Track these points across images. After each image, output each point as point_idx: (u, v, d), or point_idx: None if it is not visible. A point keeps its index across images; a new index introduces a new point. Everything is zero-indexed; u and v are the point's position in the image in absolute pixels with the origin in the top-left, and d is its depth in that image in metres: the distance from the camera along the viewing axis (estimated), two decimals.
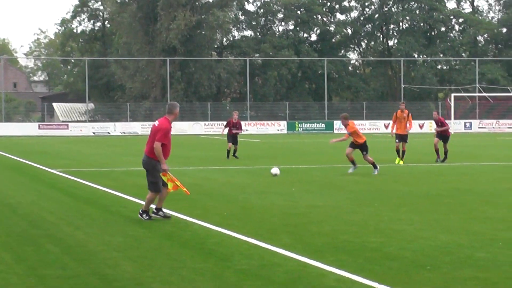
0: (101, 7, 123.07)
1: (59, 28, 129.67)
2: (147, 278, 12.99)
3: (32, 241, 16.73)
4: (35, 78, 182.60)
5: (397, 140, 37.79)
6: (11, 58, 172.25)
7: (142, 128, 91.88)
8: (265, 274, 13.24)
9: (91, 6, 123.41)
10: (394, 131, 38.38)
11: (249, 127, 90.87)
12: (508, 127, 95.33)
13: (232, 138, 41.29)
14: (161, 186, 19.00)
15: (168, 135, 18.82)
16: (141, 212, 19.28)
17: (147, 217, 19.10)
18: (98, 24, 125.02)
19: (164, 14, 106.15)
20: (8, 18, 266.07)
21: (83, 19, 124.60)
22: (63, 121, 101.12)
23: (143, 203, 21.36)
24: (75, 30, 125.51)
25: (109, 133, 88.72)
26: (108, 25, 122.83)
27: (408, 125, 38.10)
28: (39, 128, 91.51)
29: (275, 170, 31.57)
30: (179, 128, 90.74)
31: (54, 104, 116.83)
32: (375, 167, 31.99)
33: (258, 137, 72.48)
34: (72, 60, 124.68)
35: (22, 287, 12.42)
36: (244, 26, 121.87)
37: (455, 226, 18.13)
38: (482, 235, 16.98)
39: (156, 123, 19.05)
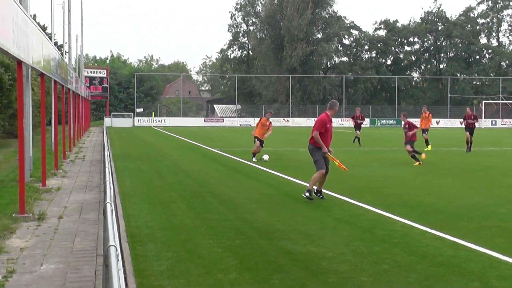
0: (247, 41, 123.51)
1: (219, 54, 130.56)
2: (274, 221, 13.02)
3: (199, 195, 16.91)
4: (203, 88, 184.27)
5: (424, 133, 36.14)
6: (187, 74, 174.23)
7: (272, 122, 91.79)
8: (353, 220, 13.19)
9: (240, 40, 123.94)
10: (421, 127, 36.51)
11: (344, 122, 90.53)
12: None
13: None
14: (323, 165, 16.26)
15: (325, 126, 16.29)
16: (305, 192, 16.10)
17: (308, 195, 15.92)
18: (245, 52, 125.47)
19: (288, 46, 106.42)
20: (186, 48, 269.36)
21: (235, 49, 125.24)
22: (220, 117, 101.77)
23: (270, 171, 21.29)
24: (229, 56, 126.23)
25: (250, 125, 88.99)
26: (251, 53, 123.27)
27: (429, 122, 36.69)
28: (204, 121, 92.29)
29: (266, 157, 28.24)
30: (297, 122, 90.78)
31: (215, 105, 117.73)
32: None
33: (349, 129, 71.97)
34: (227, 76, 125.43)
35: (192, 225, 12.55)
36: (341, 53, 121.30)
37: (484, 191, 17.79)
38: (503, 197, 16.62)
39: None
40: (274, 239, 11.34)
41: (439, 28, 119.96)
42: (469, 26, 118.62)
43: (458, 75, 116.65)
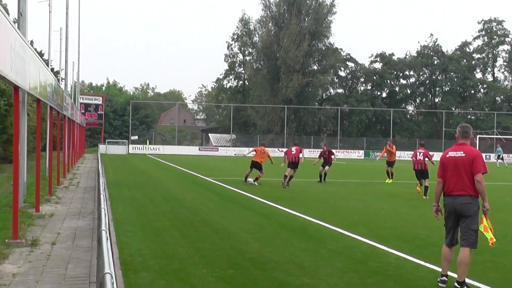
0: (243, 71, 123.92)
1: (215, 84, 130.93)
2: (267, 252, 13.00)
3: (192, 224, 16.89)
4: (198, 117, 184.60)
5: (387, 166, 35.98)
6: (182, 103, 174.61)
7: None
8: (347, 252, 13.17)
9: (236, 70, 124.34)
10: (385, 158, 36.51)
11: (338, 154, 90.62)
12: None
13: (293, 164, 32.38)
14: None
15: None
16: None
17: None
18: (241, 82, 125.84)
19: (284, 77, 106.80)
20: (182, 77, 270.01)
21: (231, 79, 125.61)
22: (215, 146, 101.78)
23: (264, 201, 21.26)
24: (225, 86, 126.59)
25: (245, 155, 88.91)
26: (247, 83, 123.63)
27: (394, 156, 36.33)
28: (199, 150, 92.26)
29: (250, 181, 32.31)
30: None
31: (209, 134, 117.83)
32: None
33: (344, 161, 72.07)
34: (222, 105, 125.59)
35: (185, 254, 12.52)
36: (337, 85, 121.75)
37: None
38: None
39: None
40: (267, 269, 11.32)
41: (435, 62, 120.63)
42: (464, 60, 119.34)
43: (453, 109, 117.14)
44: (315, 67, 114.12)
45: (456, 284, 9.99)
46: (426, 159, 26.88)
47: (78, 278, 10.37)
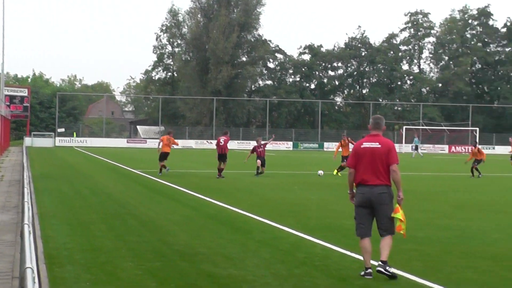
0: (172, 63, 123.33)
1: (143, 75, 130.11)
2: (195, 243, 12.98)
3: (120, 217, 16.78)
4: (126, 109, 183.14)
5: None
6: (111, 95, 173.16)
7: (196, 144, 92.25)
8: (275, 243, 13.23)
9: (165, 62, 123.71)
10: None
11: (268, 145, 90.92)
12: (441, 150, 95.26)
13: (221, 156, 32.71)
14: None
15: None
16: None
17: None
18: (169, 74, 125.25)
19: (213, 68, 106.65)
20: (110, 69, 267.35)
21: (160, 70, 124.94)
22: (143, 138, 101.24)
23: (192, 193, 21.27)
24: (154, 77, 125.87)
25: (173, 146, 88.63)
26: (176, 75, 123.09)
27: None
28: (127, 142, 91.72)
29: (320, 172, 34.01)
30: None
31: (138, 126, 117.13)
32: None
33: (273, 152, 72.29)
34: (151, 97, 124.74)
35: (112, 247, 12.43)
36: (266, 77, 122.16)
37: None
38: (421, 221, 16.90)
39: None
40: (195, 261, 11.31)
41: (363, 53, 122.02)
42: (391, 52, 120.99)
43: (380, 100, 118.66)
44: (244, 59, 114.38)
45: (380, 263, 10.16)
46: None
47: (0, 273, 10.20)
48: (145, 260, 11.29)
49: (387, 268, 10.13)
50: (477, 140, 38.99)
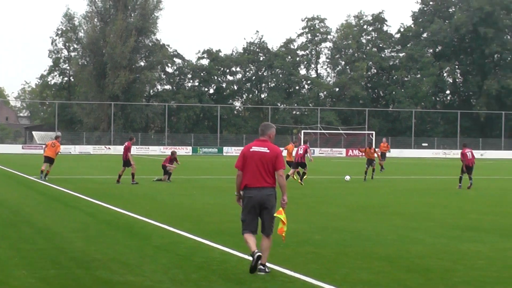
0: (68, 67, 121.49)
1: (39, 80, 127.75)
2: (91, 250, 12.81)
3: (14, 225, 16.44)
4: (21, 114, 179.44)
5: None
6: (5, 100, 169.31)
7: (93, 150, 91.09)
8: (173, 248, 13.20)
9: (61, 66, 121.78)
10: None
11: (166, 150, 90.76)
12: (339, 153, 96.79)
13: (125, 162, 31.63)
14: None
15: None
16: None
17: None
18: (66, 78, 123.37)
19: (111, 73, 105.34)
20: (3, 73, 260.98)
21: (55, 75, 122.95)
22: (39, 144, 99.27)
23: (89, 199, 20.97)
24: (49, 82, 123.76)
25: (70, 152, 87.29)
26: (72, 79, 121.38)
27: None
28: (22, 148, 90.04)
29: (347, 178, 35.19)
30: (119, 150, 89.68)
31: (33, 132, 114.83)
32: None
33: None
34: (47, 103, 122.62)
35: (4, 256, 12.14)
36: (165, 82, 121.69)
37: (301, 218, 18.25)
38: (318, 224, 17.14)
39: None
40: (91, 268, 11.16)
41: (261, 58, 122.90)
42: (289, 57, 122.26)
43: (279, 104, 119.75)
44: (142, 63, 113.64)
45: (261, 266, 10.66)
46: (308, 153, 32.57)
47: None
48: (39, 268, 11.08)
49: (267, 269, 10.80)
50: (373, 143, 39.90)
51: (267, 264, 11.03)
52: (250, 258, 11.91)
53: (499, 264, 12.08)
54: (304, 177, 32.22)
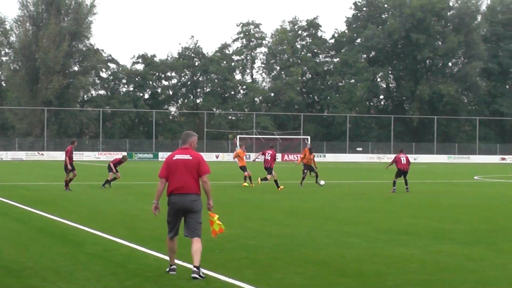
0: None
1: None
2: (23, 258, 12.60)
3: None
4: None
5: None
6: None
7: (26, 156, 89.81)
8: (107, 255, 13.08)
9: None
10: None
11: (101, 156, 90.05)
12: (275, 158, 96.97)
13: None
14: None
15: None
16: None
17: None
18: None
19: (44, 78, 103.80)
20: None
21: None
22: None
23: (21, 206, 20.66)
24: None
25: (2, 158, 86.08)
26: (4, 84, 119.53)
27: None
28: None
29: (322, 182, 35.97)
30: (53, 156, 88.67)
31: None
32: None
33: (106, 163, 71.33)
34: None
35: None
36: (99, 87, 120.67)
37: (237, 223, 18.24)
38: (253, 229, 17.16)
39: None
40: (22, 277, 10.97)
41: (196, 63, 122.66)
42: (224, 62, 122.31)
43: (214, 109, 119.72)
44: (76, 68, 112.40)
45: (195, 268, 10.84)
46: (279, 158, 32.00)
47: None
48: None
49: (201, 274, 10.90)
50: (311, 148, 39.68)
51: (202, 269, 11.02)
52: (185, 264, 11.92)
53: (432, 267, 12.24)
54: (266, 181, 34.89)
